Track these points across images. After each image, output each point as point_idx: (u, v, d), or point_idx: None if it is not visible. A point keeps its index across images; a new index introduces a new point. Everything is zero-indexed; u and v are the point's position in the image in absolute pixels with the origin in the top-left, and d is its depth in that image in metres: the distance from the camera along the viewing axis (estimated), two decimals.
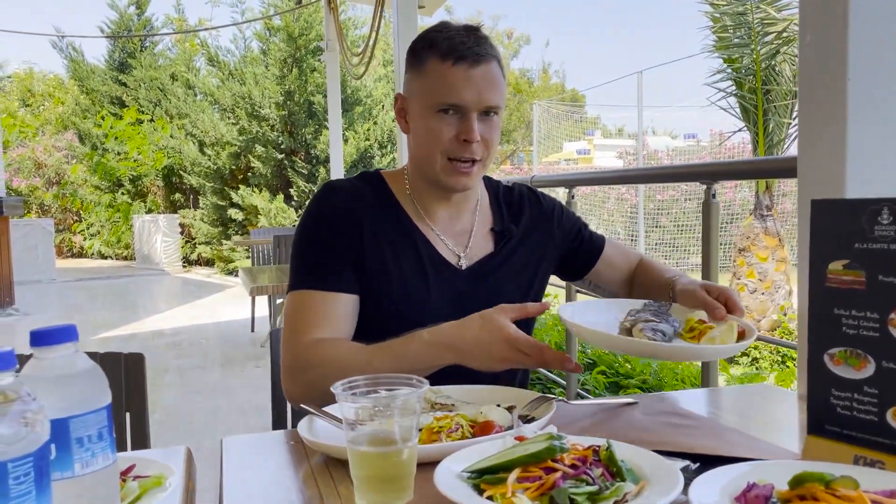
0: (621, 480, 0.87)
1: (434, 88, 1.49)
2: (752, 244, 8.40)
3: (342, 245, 1.51)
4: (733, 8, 8.53)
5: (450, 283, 1.56)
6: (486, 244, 1.64)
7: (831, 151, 1.33)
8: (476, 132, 1.47)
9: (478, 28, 1.54)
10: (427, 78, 1.50)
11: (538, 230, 1.70)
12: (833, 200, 1.01)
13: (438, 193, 1.58)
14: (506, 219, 1.69)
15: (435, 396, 1.27)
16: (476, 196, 1.67)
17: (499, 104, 1.51)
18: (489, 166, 1.58)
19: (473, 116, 1.47)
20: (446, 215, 1.62)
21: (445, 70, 1.47)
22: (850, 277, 0.96)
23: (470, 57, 1.47)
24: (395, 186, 1.61)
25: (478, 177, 1.55)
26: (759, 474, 0.87)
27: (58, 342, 0.74)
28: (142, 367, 1.68)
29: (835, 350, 0.99)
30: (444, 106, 1.48)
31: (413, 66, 1.54)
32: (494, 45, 1.54)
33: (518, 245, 1.66)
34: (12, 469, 0.61)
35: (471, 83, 1.46)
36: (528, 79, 28.76)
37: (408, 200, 1.60)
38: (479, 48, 1.48)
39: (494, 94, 1.49)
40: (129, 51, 17.44)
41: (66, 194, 17.52)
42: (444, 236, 1.60)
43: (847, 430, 0.98)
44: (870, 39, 1.29)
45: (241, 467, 1.13)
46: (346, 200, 1.55)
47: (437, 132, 1.48)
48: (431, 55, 1.49)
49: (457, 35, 1.49)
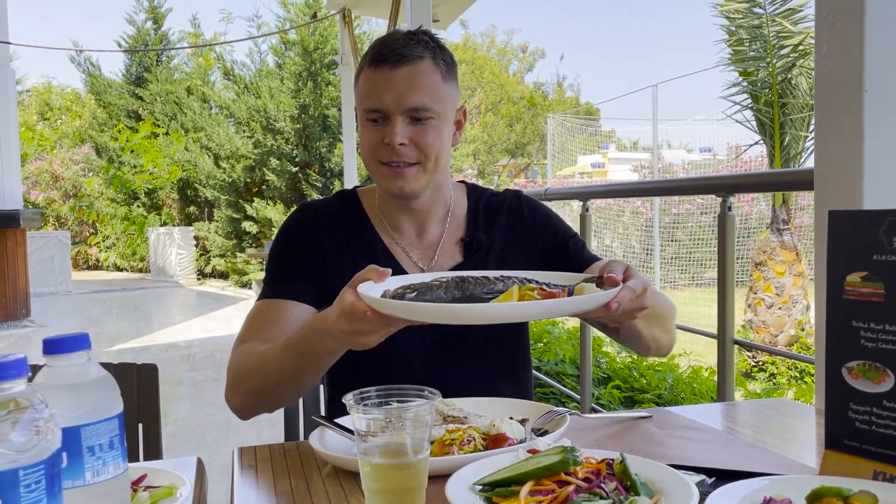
0: (635, 494, 0.86)
1: (361, 96, 1.47)
2: (768, 258, 8.33)
3: (300, 260, 1.51)
4: (749, 21, 8.51)
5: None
6: (453, 255, 1.57)
7: (848, 163, 1.32)
8: (397, 135, 1.41)
9: (420, 31, 1.48)
10: (358, 88, 1.48)
11: (517, 237, 1.60)
12: (851, 212, 1.00)
13: (399, 203, 1.54)
14: (479, 227, 1.60)
15: (447, 409, 1.26)
16: (445, 206, 1.60)
17: (425, 105, 1.42)
18: (436, 170, 1.48)
19: (396, 120, 1.41)
20: (412, 228, 1.57)
21: (370, 75, 1.44)
22: (869, 289, 0.95)
23: (391, 59, 1.41)
24: (367, 202, 1.60)
25: (419, 181, 1.46)
26: (776, 489, 0.86)
27: (71, 350, 0.74)
28: (155, 378, 1.69)
29: (853, 363, 0.97)
30: (368, 114, 1.44)
31: (354, 79, 1.53)
32: (435, 46, 1.47)
33: (489, 253, 1.57)
34: (24, 476, 0.61)
35: (390, 85, 1.41)
36: (543, 92, 28.79)
37: (377, 215, 1.58)
38: (404, 49, 1.42)
39: (418, 94, 1.41)
40: (146, 65, 17.65)
41: (82, 207, 17.68)
42: (410, 249, 1.56)
43: (866, 444, 0.96)
44: (886, 51, 1.28)
45: (253, 477, 1.12)
46: (311, 220, 1.56)
47: (367, 139, 1.46)
48: (363, 64, 1.47)
49: (388, 39, 1.46)
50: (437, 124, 1.45)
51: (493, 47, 29.19)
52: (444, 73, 1.46)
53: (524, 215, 1.63)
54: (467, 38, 28.62)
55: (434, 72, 1.44)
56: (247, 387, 1.38)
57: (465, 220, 1.62)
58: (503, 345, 1.57)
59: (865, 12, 1.26)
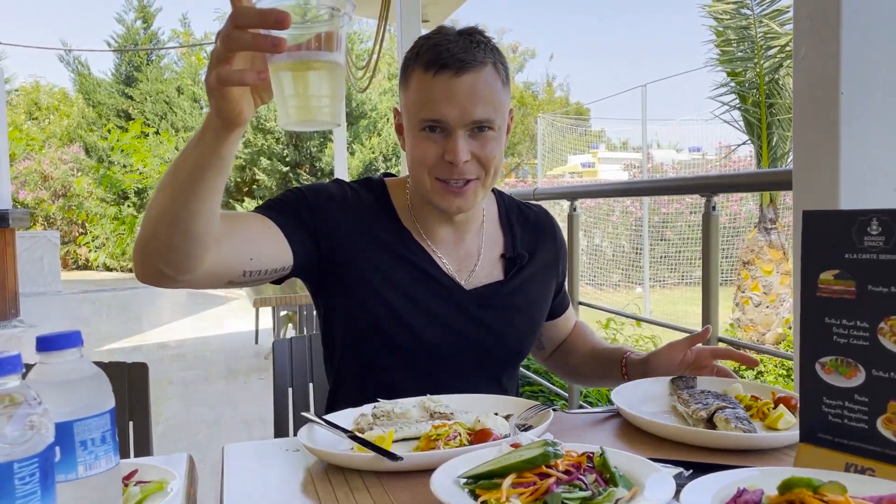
0: (614, 486, 0.89)
1: (417, 104, 1.36)
2: (756, 257, 8.39)
3: (313, 214, 1.40)
4: (736, 22, 8.57)
5: (453, 302, 1.47)
6: (493, 270, 1.53)
7: (826, 164, 1.35)
8: (461, 152, 1.33)
9: (474, 31, 1.38)
10: (411, 92, 1.38)
11: (545, 260, 1.61)
12: (824, 212, 1.03)
13: (439, 213, 1.47)
14: (518, 244, 1.57)
15: (434, 406, 1.28)
16: (480, 215, 1.56)
17: (489, 117, 1.34)
18: (492, 184, 1.44)
19: (459, 134, 1.34)
20: (449, 238, 1.51)
21: (427, 82, 1.34)
22: (841, 287, 0.98)
23: (453, 65, 1.32)
24: (397, 198, 1.52)
25: (476, 197, 1.41)
26: (749, 480, 0.89)
27: (63, 347, 0.76)
28: (145, 377, 1.70)
29: (826, 359, 1.00)
30: (426, 123, 1.35)
31: (402, 79, 1.43)
32: (493, 49, 1.38)
33: (532, 274, 1.56)
34: (18, 469, 0.63)
35: (453, 96, 1.32)
36: (533, 92, 28.86)
37: (408, 216, 1.50)
38: (465, 54, 1.32)
39: (483, 106, 1.33)
40: (136, 64, 17.63)
41: (71, 206, 17.62)
42: (446, 258, 1.50)
43: (838, 437, 0.99)
44: (862, 55, 1.31)
45: (242, 473, 1.14)
46: (346, 195, 1.47)
47: (422, 152, 1.37)
48: (416, 66, 1.37)
49: (443, 41, 1.35)
50: (497, 135, 1.38)
51: None
52: (503, 80, 1.39)
53: (554, 241, 1.64)
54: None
55: (495, 79, 1.36)
56: (141, 234, 1.14)
57: (500, 232, 1.58)
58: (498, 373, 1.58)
59: (841, 17, 1.30)
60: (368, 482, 1.06)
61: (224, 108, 0.96)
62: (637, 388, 1.42)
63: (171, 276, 1.15)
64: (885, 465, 0.94)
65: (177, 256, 1.12)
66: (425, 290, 1.45)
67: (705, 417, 1.21)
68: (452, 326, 1.46)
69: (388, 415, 1.24)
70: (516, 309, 1.52)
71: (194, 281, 1.18)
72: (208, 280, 1.21)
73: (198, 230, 1.09)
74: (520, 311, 1.53)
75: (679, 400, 1.32)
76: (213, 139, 1.00)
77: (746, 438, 1.14)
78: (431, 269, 1.47)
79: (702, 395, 1.29)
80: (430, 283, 1.46)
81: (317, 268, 1.44)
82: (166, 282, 1.16)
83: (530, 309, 1.56)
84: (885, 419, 0.94)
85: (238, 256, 1.24)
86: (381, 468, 1.07)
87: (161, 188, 1.08)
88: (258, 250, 1.28)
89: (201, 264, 1.15)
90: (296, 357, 1.89)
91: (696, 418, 1.22)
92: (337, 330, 1.51)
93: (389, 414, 1.24)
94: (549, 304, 1.63)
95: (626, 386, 1.41)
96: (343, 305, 1.47)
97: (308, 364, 1.89)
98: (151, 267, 1.14)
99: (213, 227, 1.12)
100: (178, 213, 1.06)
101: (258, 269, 1.28)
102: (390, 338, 1.44)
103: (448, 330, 1.46)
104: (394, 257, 1.45)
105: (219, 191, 1.09)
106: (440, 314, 1.46)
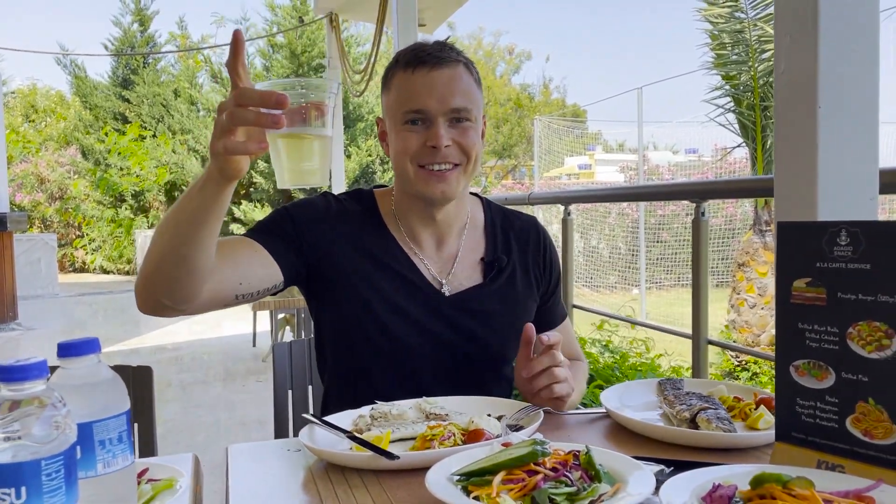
0: (598, 482, 0.94)
1: (398, 100, 1.47)
2: (751, 259, 8.46)
3: (300, 232, 1.49)
4: (731, 26, 8.64)
5: (433, 308, 1.53)
6: (472, 273, 1.59)
7: (804, 174, 1.41)
8: (443, 137, 1.43)
9: (447, 41, 1.52)
10: (393, 92, 1.49)
11: (528, 266, 1.65)
12: (797, 223, 1.09)
13: (422, 214, 1.55)
14: (499, 248, 1.63)
15: (430, 407, 1.34)
16: (463, 218, 1.62)
17: (466, 106, 1.45)
18: (472, 173, 1.52)
19: (440, 122, 1.44)
20: (431, 239, 1.58)
21: (407, 78, 1.46)
22: (813, 294, 1.04)
23: (430, 61, 1.44)
24: (383, 206, 1.60)
25: (459, 183, 1.49)
26: (725, 477, 0.94)
27: (83, 353, 0.82)
28: (150, 380, 1.75)
29: (799, 362, 1.06)
30: (409, 116, 1.45)
31: (383, 87, 1.54)
32: (464, 55, 1.51)
33: (511, 278, 1.61)
34: (45, 466, 0.69)
35: (432, 87, 1.43)
36: (529, 94, 28.93)
37: (393, 222, 1.58)
38: (440, 53, 1.46)
39: (460, 96, 1.44)
40: (133, 67, 17.65)
41: (68, 209, 17.65)
42: (428, 261, 1.57)
43: (811, 436, 1.05)
44: (838, 72, 1.37)
45: (246, 472, 1.19)
46: (334, 208, 1.55)
47: (406, 142, 1.46)
48: (396, 69, 1.49)
49: (419, 46, 1.49)
50: (474, 126, 1.48)
51: (480, 49, 29.30)
52: (476, 80, 1.52)
53: (539, 249, 1.68)
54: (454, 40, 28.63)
55: (469, 77, 1.49)
56: (143, 270, 1.27)
57: (483, 237, 1.64)
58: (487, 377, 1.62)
59: (819, 37, 1.35)
60: (367, 480, 1.11)
61: (227, 168, 1.09)
62: (626, 389, 1.49)
63: (172, 307, 1.28)
64: (854, 462, 1.00)
65: (178, 289, 1.26)
66: (407, 297, 1.52)
67: (688, 418, 1.27)
68: (432, 332, 1.52)
69: (385, 416, 1.29)
70: (494, 313, 1.57)
71: (192, 309, 1.31)
72: (205, 307, 1.33)
73: (198, 265, 1.23)
74: (498, 315, 1.58)
75: (665, 401, 1.38)
76: (214, 189, 1.14)
77: (725, 437, 1.19)
78: (413, 276, 1.54)
79: (686, 397, 1.35)
80: (411, 290, 1.53)
81: (306, 279, 1.53)
82: (168, 312, 1.30)
83: (509, 313, 1.59)
84: (854, 419, 1.00)
85: (229, 282, 1.35)
86: (379, 467, 1.12)
87: (162, 232, 1.22)
88: (247, 274, 1.39)
89: (199, 295, 1.29)
90: (295, 360, 1.94)
91: (680, 419, 1.28)
92: (327, 336, 1.59)
93: (387, 415, 1.29)
94: (531, 309, 1.65)
95: (616, 388, 1.48)
96: (331, 313, 1.56)
97: (307, 367, 1.94)
98: (153, 300, 1.28)
99: (211, 260, 1.26)
100: (180, 251, 1.20)
101: (249, 292, 1.40)
102: (375, 344, 1.51)
103: (429, 335, 1.52)
104: (377, 266, 1.53)
105: (217, 230, 1.22)
106: (421, 320, 1.52)
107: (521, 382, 1.43)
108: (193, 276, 1.24)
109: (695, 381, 1.49)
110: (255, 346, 7.77)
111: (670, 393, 1.39)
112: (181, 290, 1.26)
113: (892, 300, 0.95)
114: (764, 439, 1.20)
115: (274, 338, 7.03)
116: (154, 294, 1.27)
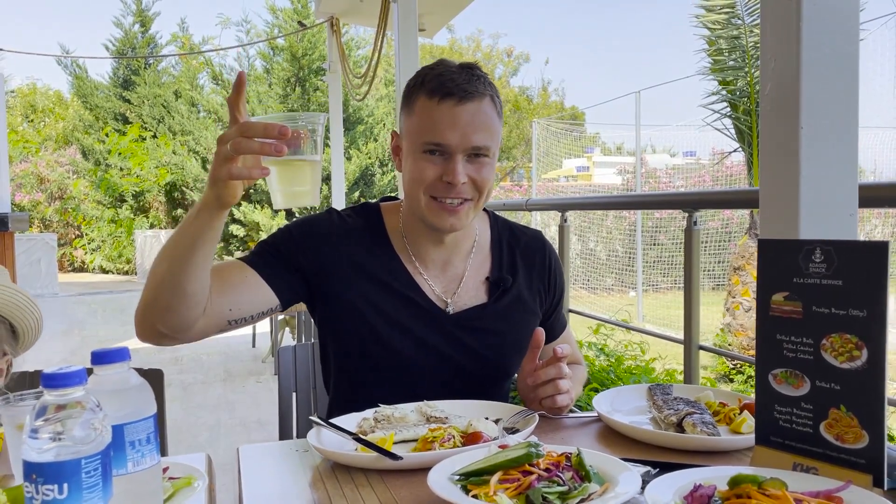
0: (588, 482, 1.02)
1: (420, 128, 1.46)
2: (746, 263, 8.53)
3: (302, 256, 1.52)
4: (727, 32, 8.71)
5: (436, 326, 1.55)
6: (477, 293, 1.60)
7: (787, 192, 1.48)
8: (459, 174, 1.43)
9: (474, 66, 1.50)
10: (415, 117, 1.48)
11: (533, 281, 1.66)
12: (776, 240, 1.16)
13: (430, 235, 1.55)
14: (504, 266, 1.64)
15: (430, 411, 1.40)
16: (472, 238, 1.63)
17: (487, 144, 1.45)
18: (482, 206, 1.53)
19: (458, 158, 1.44)
20: (438, 260, 1.59)
21: (432, 108, 1.44)
22: (790, 307, 1.11)
23: (457, 94, 1.43)
24: (390, 222, 1.61)
25: (468, 217, 1.50)
26: (706, 478, 1.01)
27: (113, 361, 0.89)
28: (160, 382, 1.82)
29: (777, 370, 1.13)
30: (428, 146, 1.45)
31: (405, 104, 1.52)
32: (490, 84, 1.49)
33: (516, 296, 1.62)
34: (84, 465, 0.76)
35: (456, 122, 1.42)
36: (528, 96, 28.99)
37: (399, 239, 1.59)
38: (468, 85, 1.44)
39: (482, 134, 1.44)
40: (133, 68, 17.70)
41: (68, 209, 17.70)
42: (433, 281, 1.58)
43: (787, 440, 1.12)
44: (820, 95, 1.44)
45: (257, 471, 1.26)
46: (337, 227, 1.57)
47: (422, 172, 1.46)
48: (420, 93, 1.47)
49: (447, 72, 1.46)
50: (491, 161, 1.49)
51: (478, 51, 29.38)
52: (499, 112, 1.51)
53: (545, 266, 1.70)
54: (453, 42, 28.80)
55: (493, 110, 1.48)
56: (142, 299, 1.34)
57: (489, 255, 1.65)
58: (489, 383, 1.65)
59: (801, 61, 1.43)
60: (372, 479, 1.18)
61: (224, 194, 1.19)
62: (617, 394, 1.56)
63: (169, 336, 1.35)
64: (827, 465, 1.07)
65: (173, 317, 1.32)
66: (410, 315, 1.55)
67: (675, 422, 1.34)
68: (436, 349, 1.56)
69: (388, 419, 1.36)
70: (498, 331, 1.60)
71: (189, 337, 1.38)
72: (200, 334, 1.40)
73: (190, 291, 1.30)
74: (502, 334, 1.60)
75: (654, 406, 1.45)
76: (209, 216, 1.23)
77: (709, 441, 1.27)
78: (416, 296, 1.56)
79: (674, 402, 1.42)
80: (414, 308, 1.55)
81: (308, 297, 1.57)
82: (166, 340, 1.37)
83: (513, 331, 1.61)
84: (827, 424, 1.08)
85: (218, 308, 1.41)
86: (382, 467, 1.19)
87: (160, 262, 1.29)
88: (237, 300, 1.44)
89: (195, 324, 1.36)
90: (299, 364, 2.00)
91: (667, 423, 1.35)
92: (330, 349, 1.63)
93: (389, 418, 1.36)
94: (534, 325, 1.64)
95: (607, 393, 1.54)
96: (333, 329, 1.59)
97: (310, 371, 2.00)
98: (151, 328, 1.35)
99: (204, 288, 1.33)
100: (176, 279, 1.27)
101: (242, 316, 1.46)
102: (377, 360, 1.55)
103: (432, 353, 1.55)
104: (379, 285, 1.55)
105: (211, 256, 1.30)
106: (424, 338, 1.55)
107: (524, 388, 1.47)
108: (187, 304, 1.31)
109: (683, 387, 1.56)
110: (254, 346, 7.83)
111: (659, 398, 1.46)
112: (177, 317, 1.32)
113: (862, 314, 1.03)
114: (745, 443, 1.27)
115: (273, 339, 7.10)
116: (152, 322, 1.33)
